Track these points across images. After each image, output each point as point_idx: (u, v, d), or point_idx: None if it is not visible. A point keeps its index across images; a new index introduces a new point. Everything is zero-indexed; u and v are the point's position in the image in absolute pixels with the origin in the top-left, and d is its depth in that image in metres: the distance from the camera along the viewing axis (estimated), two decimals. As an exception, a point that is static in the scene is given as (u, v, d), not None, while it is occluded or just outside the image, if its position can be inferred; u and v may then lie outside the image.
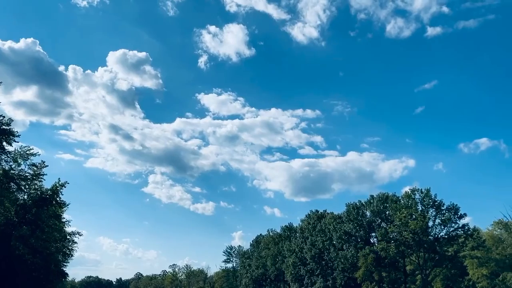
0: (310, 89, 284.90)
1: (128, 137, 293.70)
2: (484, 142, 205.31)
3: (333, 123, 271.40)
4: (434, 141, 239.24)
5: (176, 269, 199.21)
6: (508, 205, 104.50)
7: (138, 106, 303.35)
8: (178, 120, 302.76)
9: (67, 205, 60.83)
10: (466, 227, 73.57)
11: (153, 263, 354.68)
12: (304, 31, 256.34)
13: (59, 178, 54.52)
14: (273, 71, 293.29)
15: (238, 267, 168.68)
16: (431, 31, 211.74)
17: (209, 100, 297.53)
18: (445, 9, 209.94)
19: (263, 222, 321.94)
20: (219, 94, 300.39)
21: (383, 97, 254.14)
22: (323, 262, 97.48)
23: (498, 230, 75.41)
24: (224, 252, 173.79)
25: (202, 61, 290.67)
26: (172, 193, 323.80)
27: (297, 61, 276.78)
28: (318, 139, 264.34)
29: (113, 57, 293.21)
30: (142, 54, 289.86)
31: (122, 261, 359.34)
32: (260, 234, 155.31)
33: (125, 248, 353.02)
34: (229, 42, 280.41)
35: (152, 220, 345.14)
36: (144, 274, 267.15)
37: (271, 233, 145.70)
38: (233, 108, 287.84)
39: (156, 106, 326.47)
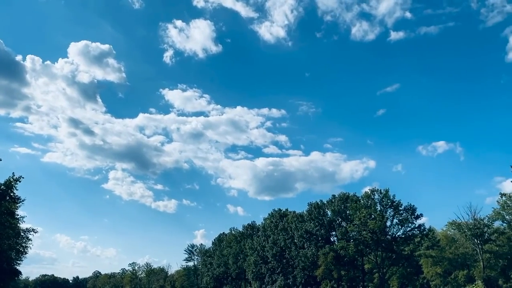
0: (276, 89, 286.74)
1: (88, 132, 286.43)
2: (441, 145, 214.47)
3: (298, 123, 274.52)
4: (394, 143, 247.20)
5: (136, 268, 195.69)
6: (461, 206, 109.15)
7: (99, 100, 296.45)
8: (141, 115, 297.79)
9: (22, 200, 58.54)
10: (422, 227, 76.12)
11: (112, 261, 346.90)
12: (272, 30, 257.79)
13: (13, 173, 52.51)
14: (239, 69, 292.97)
15: (199, 265, 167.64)
16: (394, 35, 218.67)
17: (173, 96, 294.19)
18: (408, 14, 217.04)
19: (226, 221, 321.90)
20: (184, 90, 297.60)
21: (347, 99, 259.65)
22: (284, 261, 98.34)
23: (452, 230, 78.61)
24: (185, 251, 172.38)
25: (167, 56, 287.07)
26: (133, 190, 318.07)
27: (264, 60, 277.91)
28: (282, 138, 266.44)
29: (74, 48, 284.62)
30: (105, 47, 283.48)
31: (79, 259, 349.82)
32: (223, 233, 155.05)
33: (83, 245, 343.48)
34: (196, 37, 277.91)
35: (112, 217, 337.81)
36: (103, 273, 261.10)
37: (233, 232, 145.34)
38: (198, 105, 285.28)
39: (119, 100, 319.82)
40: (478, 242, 69.01)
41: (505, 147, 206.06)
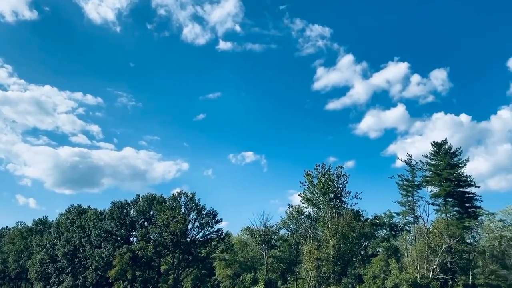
0: (95, 73, 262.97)
1: None
2: (249, 156, 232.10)
3: (114, 114, 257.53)
4: (208, 149, 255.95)
5: None
6: (256, 213, 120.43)
7: None
8: None
9: None
10: (220, 231, 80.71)
11: None
12: (100, 10, 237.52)
13: None
14: (55, 44, 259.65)
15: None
16: (223, 45, 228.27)
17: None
18: (237, 28, 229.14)
19: (13, 214, 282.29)
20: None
21: (169, 98, 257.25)
22: (76, 260, 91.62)
23: (246, 235, 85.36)
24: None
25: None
26: None
27: (86, 39, 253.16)
28: (95, 128, 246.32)
29: None
30: None
31: None
32: (6, 227, 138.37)
33: None
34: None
35: None
36: None
37: (20, 226, 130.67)
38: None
39: None
40: (266, 247, 76.51)
41: (300, 164, 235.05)
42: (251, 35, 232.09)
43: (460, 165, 67.77)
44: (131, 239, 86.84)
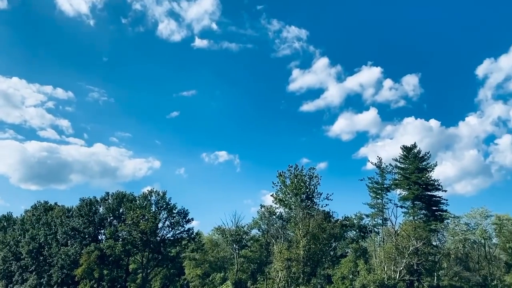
0: (66, 67, 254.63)
1: None
2: (222, 155, 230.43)
3: (85, 109, 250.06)
4: (181, 147, 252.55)
5: None
6: (228, 213, 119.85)
7: None
8: None
9: None
10: (191, 231, 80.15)
11: None
12: (73, 2, 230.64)
13: None
14: (25, 35, 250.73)
15: None
16: (199, 42, 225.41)
17: None
18: (214, 26, 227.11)
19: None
20: None
21: (142, 94, 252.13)
22: (41, 258, 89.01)
23: (217, 235, 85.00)
24: None
25: None
26: None
27: (58, 32, 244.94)
28: (64, 123, 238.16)
29: None
30: None
31: None
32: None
33: None
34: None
35: None
36: None
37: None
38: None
39: None
40: (237, 247, 76.31)
41: (273, 165, 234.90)
42: (227, 34, 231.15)
43: (428, 169, 69.54)
44: (100, 237, 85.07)
